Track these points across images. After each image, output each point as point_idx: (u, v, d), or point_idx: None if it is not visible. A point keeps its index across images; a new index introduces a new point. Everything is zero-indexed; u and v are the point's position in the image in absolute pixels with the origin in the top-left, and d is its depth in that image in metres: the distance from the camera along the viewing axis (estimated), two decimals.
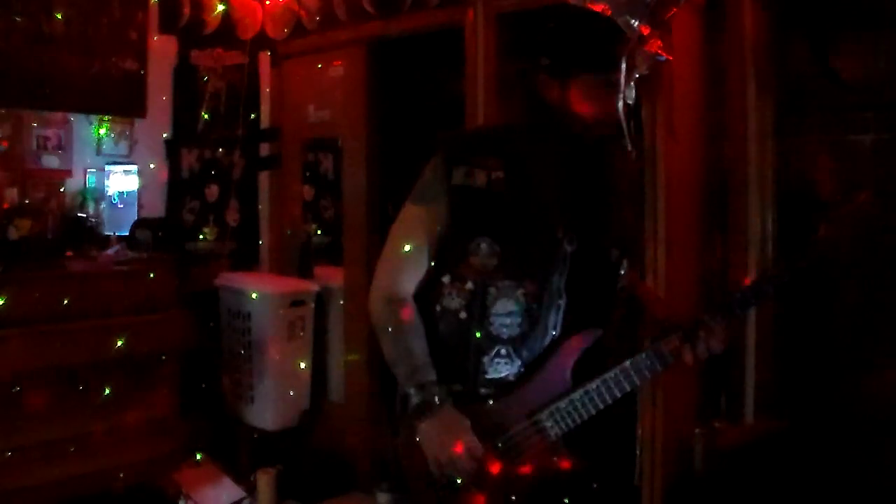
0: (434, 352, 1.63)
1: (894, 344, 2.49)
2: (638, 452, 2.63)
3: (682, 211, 2.60)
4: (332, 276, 3.84)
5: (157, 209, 3.90)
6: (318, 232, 4.33)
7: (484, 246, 1.59)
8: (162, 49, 3.88)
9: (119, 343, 3.01)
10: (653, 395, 2.59)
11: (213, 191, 4.11)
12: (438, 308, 1.65)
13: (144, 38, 3.79)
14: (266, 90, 4.23)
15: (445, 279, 1.64)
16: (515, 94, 1.70)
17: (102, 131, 3.73)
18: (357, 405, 3.63)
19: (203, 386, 3.63)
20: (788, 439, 2.56)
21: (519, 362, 1.61)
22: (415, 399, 1.58)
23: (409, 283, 1.67)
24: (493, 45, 3.14)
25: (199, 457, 3.55)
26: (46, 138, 3.55)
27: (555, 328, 1.62)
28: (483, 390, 1.62)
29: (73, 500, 2.97)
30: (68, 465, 2.98)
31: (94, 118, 3.69)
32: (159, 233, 3.61)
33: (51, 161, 3.57)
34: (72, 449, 2.98)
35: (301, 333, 3.70)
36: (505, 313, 1.60)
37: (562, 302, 1.61)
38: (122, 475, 3.10)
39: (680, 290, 2.67)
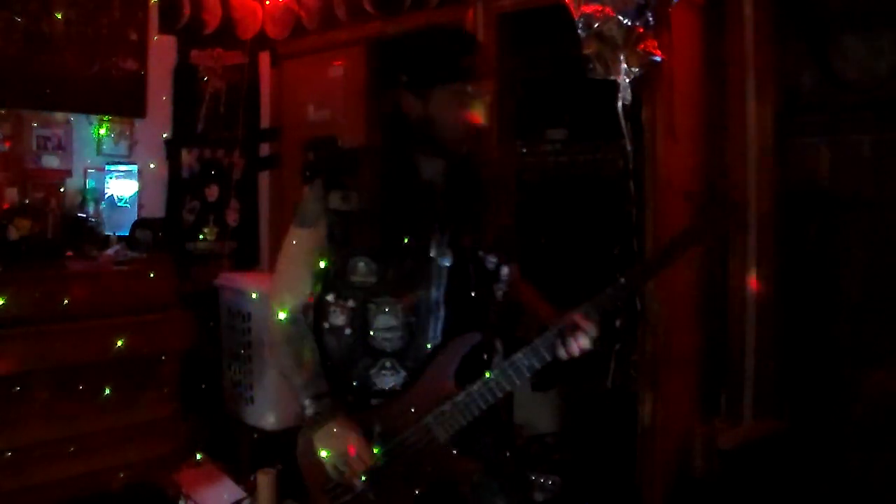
0: (325, 366, 1.73)
1: (894, 344, 2.49)
2: (638, 452, 2.64)
3: (681, 212, 2.60)
4: None
5: (157, 209, 3.90)
6: None
7: (361, 265, 1.68)
8: (162, 49, 3.88)
9: (119, 343, 3.00)
10: (653, 395, 2.59)
11: (213, 191, 4.11)
12: (326, 325, 1.74)
13: (144, 38, 3.79)
14: (266, 90, 4.24)
15: (330, 297, 1.73)
16: (381, 116, 1.77)
17: (102, 131, 3.72)
18: None
19: (203, 386, 3.62)
20: (788, 439, 2.56)
21: (404, 373, 1.68)
22: (309, 410, 1.70)
23: (300, 300, 1.77)
24: (493, 45, 3.14)
25: (199, 457, 3.55)
26: (46, 138, 3.54)
27: (435, 338, 1.68)
28: (373, 401, 1.70)
29: (73, 500, 2.97)
30: (68, 465, 2.97)
31: (94, 118, 3.69)
32: (159, 233, 3.60)
33: (51, 161, 3.56)
34: (72, 449, 2.97)
35: None
36: (386, 328, 1.67)
37: (441, 314, 1.68)
38: (122, 475, 3.09)
39: (679, 292, 2.67)
